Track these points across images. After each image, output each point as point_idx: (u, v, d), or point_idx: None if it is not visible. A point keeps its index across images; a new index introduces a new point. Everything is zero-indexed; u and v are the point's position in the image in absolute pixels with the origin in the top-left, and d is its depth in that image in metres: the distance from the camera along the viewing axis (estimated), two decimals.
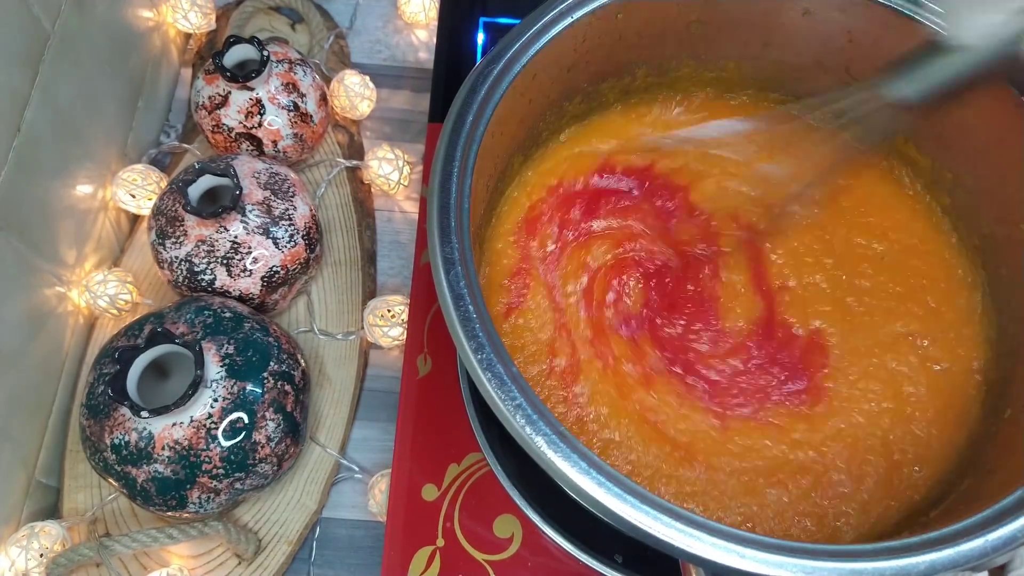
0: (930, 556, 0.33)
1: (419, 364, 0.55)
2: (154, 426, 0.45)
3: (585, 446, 0.34)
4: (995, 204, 0.48)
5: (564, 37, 0.46)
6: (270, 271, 0.54)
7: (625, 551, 0.48)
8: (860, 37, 0.50)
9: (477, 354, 0.36)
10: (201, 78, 0.59)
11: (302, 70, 0.60)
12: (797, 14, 0.50)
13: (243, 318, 0.50)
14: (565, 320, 0.49)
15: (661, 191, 0.53)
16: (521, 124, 0.49)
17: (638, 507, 0.33)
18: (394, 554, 0.49)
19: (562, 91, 0.51)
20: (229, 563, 0.52)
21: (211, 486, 0.46)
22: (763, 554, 0.32)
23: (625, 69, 0.53)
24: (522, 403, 0.35)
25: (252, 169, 0.54)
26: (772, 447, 0.46)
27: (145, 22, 0.65)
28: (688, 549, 0.33)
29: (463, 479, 0.51)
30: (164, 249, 0.53)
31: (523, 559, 0.49)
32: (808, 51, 0.52)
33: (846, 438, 0.46)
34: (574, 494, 0.34)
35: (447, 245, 0.39)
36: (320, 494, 0.55)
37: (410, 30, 0.73)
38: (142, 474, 0.45)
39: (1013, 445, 0.42)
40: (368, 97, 0.66)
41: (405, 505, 0.50)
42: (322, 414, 0.57)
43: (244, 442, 0.46)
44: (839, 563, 0.33)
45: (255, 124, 0.58)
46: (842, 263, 0.51)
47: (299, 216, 0.55)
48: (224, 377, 0.46)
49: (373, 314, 0.58)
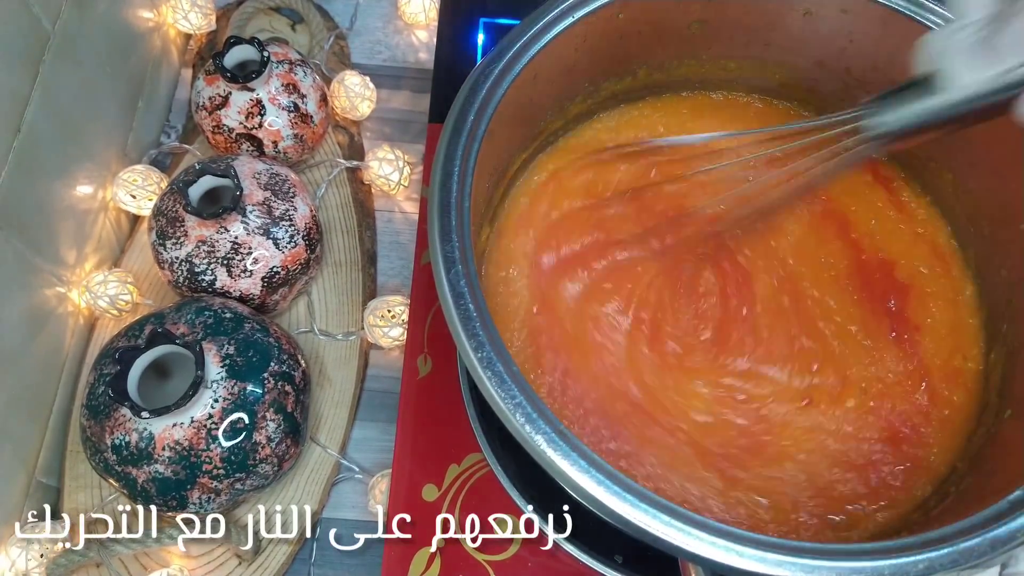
0: (929, 555, 0.33)
1: (419, 364, 0.55)
2: (155, 427, 0.45)
3: (585, 445, 0.34)
4: (995, 205, 0.48)
5: (564, 37, 0.46)
6: (270, 272, 0.54)
7: (625, 551, 0.48)
8: (861, 38, 0.50)
9: (477, 353, 0.36)
10: (201, 79, 0.59)
11: (302, 71, 0.60)
12: (798, 15, 0.50)
13: (243, 319, 0.50)
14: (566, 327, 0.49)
15: (659, 197, 0.53)
16: (522, 124, 0.49)
17: (637, 505, 0.33)
18: (394, 554, 0.49)
19: (563, 91, 0.51)
20: (229, 563, 0.52)
21: (211, 486, 0.46)
22: (762, 553, 0.32)
23: (626, 69, 0.53)
24: (522, 401, 0.35)
25: (252, 170, 0.54)
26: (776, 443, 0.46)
27: (145, 22, 0.65)
28: (687, 548, 0.33)
29: (463, 479, 0.51)
30: (164, 250, 0.53)
31: (523, 559, 0.49)
32: (809, 51, 0.52)
33: (845, 438, 0.46)
34: (574, 492, 0.34)
35: (447, 244, 0.39)
36: (320, 494, 0.55)
37: (410, 30, 0.73)
38: (142, 474, 0.45)
39: (1013, 445, 0.42)
40: (368, 98, 0.66)
41: (405, 505, 0.50)
42: (322, 414, 0.57)
43: (244, 442, 0.46)
44: (838, 562, 0.33)
45: (255, 125, 0.58)
46: (839, 264, 0.51)
47: (299, 217, 0.55)
48: (224, 378, 0.46)
49: (373, 314, 0.58)
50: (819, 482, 0.45)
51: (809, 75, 0.54)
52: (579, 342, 0.48)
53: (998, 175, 0.47)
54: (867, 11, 0.48)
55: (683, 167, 0.53)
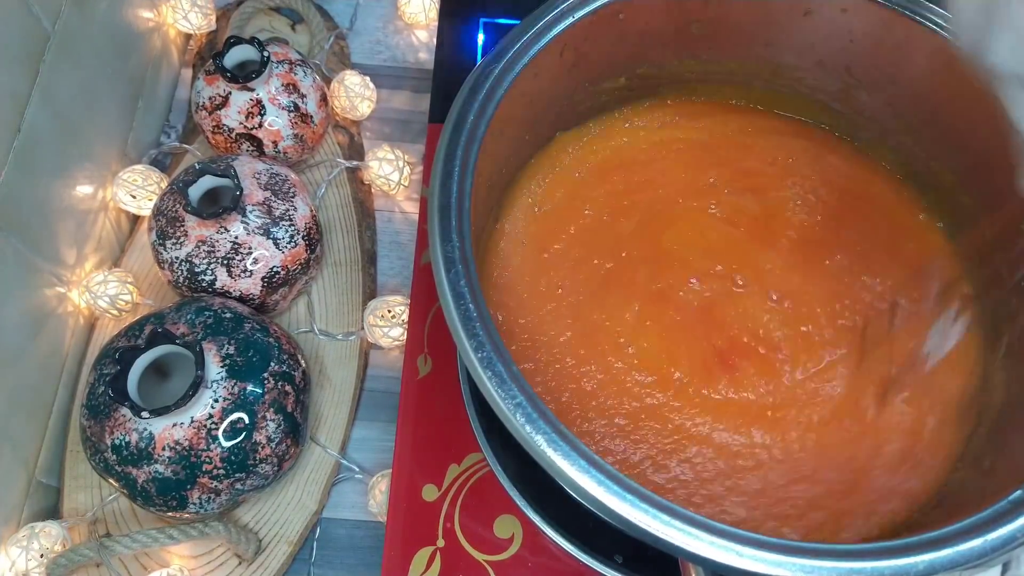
0: (929, 556, 0.33)
1: (419, 364, 0.55)
2: (155, 426, 0.45)
3: (585, 444, 0.34)
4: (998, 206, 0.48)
5: (565, 37, 0.46)
6: (270, 271, 0.54)
7: (625, 551, 0.48)
8: (861, 37, 0.50)
9: (477, 352, 0.36)
10: (201, 79, 0.59)
11: (302, 71, 0.60)
12: (798, 14, 0.50)
13: (243, 318, 0.50)
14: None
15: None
16: (522, 124, 0.49)
17: (637, 505, 0.33)
18: (394, 554, 0.49)
19: (563, 91, 0.51)
20: (229, 563, 0.52)
21: (211, 486, 0.46)
22: (762, 553, 0.32)
23: (627, 69, 0.53)
24: (522, 401, 0.35)
25: (252, 170, 0.54)
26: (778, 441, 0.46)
27: (145, 22, 0.65)
28: (687, 548, 0.33)
29: (463, 479, 0.51)
30: (164, 250, 0.53)
31: (523, 559, 0.49)
32: (809, 51, 0.52)
33: (843, 437, 0.46)
34: (574, 492, 0.34)
35: (448, 244, 0.39)
36: (320, 494, 0.55)
37: (410, 30, 0.73)
38: (142, 474, 0.45)
39: (1013, 445, 0.42)
40: (368, 97, 0.66)
41: (405, 505, 0.50)
42: (322, 414, 0.57)
43: (244, 442, 0.46)
44: (838, 562, 0.32)
45: (255, 125, 0.58)
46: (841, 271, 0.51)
47: (299, 217, 0.55)
48: (224, 377, 0.46)
49: (373, 314, 0.58)
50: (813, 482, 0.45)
51: (810, 75, 0.54)
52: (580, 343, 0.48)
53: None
54: (867, 11, 0.48)
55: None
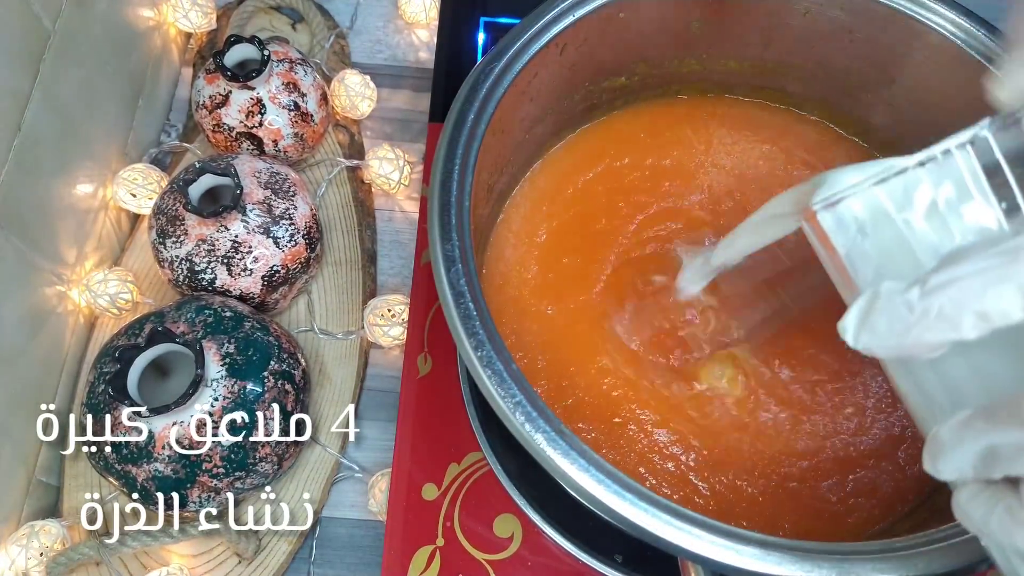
0: (930, 555, 0.33)
1: (419, 364, 0.55)
2: (154, 425, 0.45)
3: (584, 443, 0.34)
4: None
5: (565, 36, 0.46)
6: (270, 270, 0.54)
7: (625, 551, 0.48)
8: (861, 37, 0.50)
9: (477, 351, 0.36)
10: (202, 77, 0.59)
11: (303, 70, 0.60)
12: (798, 14, 0.50)
13: (243, 317, 0.50)
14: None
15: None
16: (522, 123, 0.49)
17: (637, 504, 0.33)
18: (394, 553, 0.49)
19: (563, 90, 0.51)
20: (229, 562, 0.52)
21: (211, 485, 0.46)
22: (762, 552, 0.32)
23: (627, 68, 0.53)
24: (522, 400, 0.35)
25: (253, 168, 0.54)
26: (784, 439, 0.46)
27: (146, 21, 0.65)
28: (687, 547, 0.33)
29: (463, 479, 0.51)
30: (165, 248, 0.53)
31: (523, 559, 0.49)
32: (809, 51, 0.52)
33: (843, 438, 0.46)
34: (573, 491, 0.34)
35: (448, 243, 0.39)
36: (320, 493, 0.55)
37: (410, 30, 0.73)
38: (142, 473, 0.45)
39: None
40: (369, 97, 0.66)
41: (405, 505, 0.50)
42: (322, 413, 0.57)
43: (244, 441, 0.46)
44: (838, 562, 0.32)
45: (256, 123, 0.58)
46: None
47: (300, 215, 0.55)
48: (224, 376, 0.46)
49: (373, 313, 0.58)
50: (810, 481, 0.45)
51: (810, 74, 0.54)
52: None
53: None
54: (867, 10, 0.48)
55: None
